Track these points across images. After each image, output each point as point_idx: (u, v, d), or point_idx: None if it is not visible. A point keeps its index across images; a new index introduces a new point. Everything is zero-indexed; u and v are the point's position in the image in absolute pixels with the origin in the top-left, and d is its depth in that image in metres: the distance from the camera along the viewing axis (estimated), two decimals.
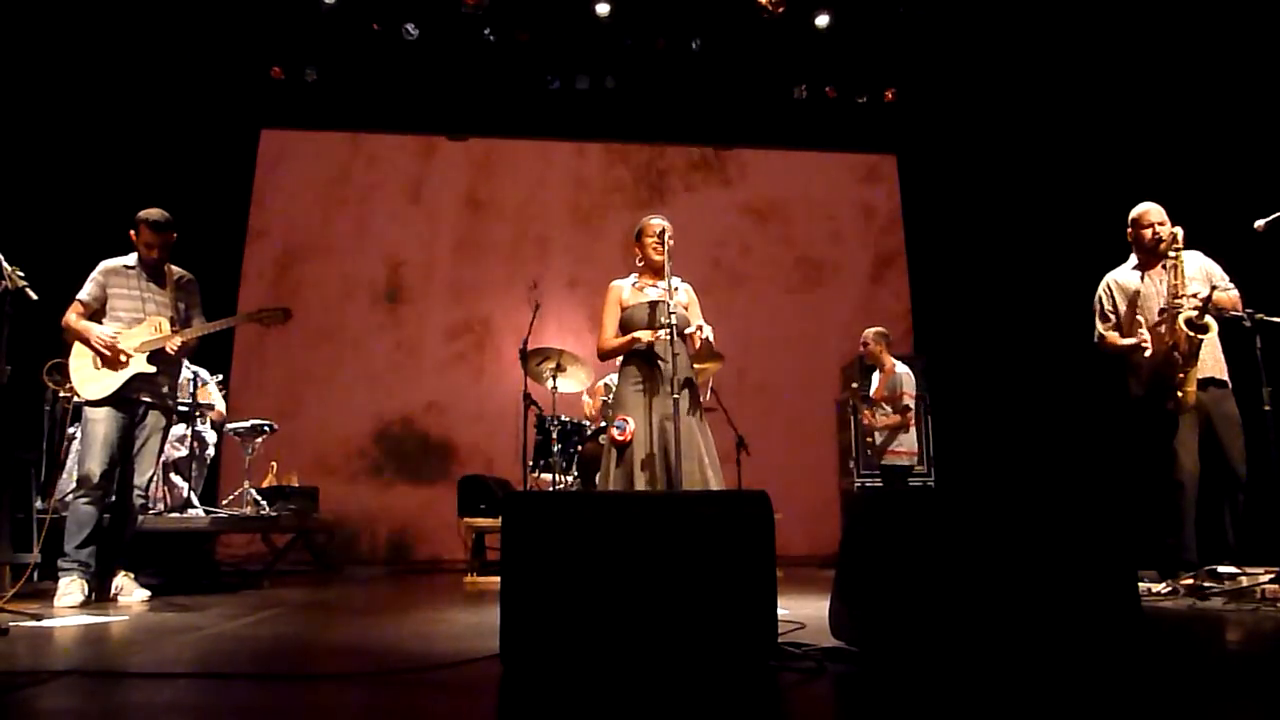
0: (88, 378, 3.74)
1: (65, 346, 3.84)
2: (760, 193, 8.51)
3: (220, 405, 5.85)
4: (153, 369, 3.81)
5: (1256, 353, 3.70)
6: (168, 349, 3.82)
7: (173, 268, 4.03)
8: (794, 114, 8.19)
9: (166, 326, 3.86)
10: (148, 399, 3.87)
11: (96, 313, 3.84)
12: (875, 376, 5.80)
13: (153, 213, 3.87)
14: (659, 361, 3.51)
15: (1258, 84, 5.38)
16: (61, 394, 4.75)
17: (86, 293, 3.82)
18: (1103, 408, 4.97)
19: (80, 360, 3.76)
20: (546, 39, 7.51)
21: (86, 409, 3.76)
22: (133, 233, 3.89)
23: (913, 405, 5.57)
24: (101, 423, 3.72)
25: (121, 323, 3.84)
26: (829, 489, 7.60)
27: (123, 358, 3.74)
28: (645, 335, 3.55)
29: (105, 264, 3.91)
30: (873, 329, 5.81)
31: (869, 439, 5.78)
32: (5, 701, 1.75)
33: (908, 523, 2.25)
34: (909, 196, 8.52)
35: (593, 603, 2.10)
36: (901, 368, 5.70)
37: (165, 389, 3.96)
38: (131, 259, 3.93)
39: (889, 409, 5.58)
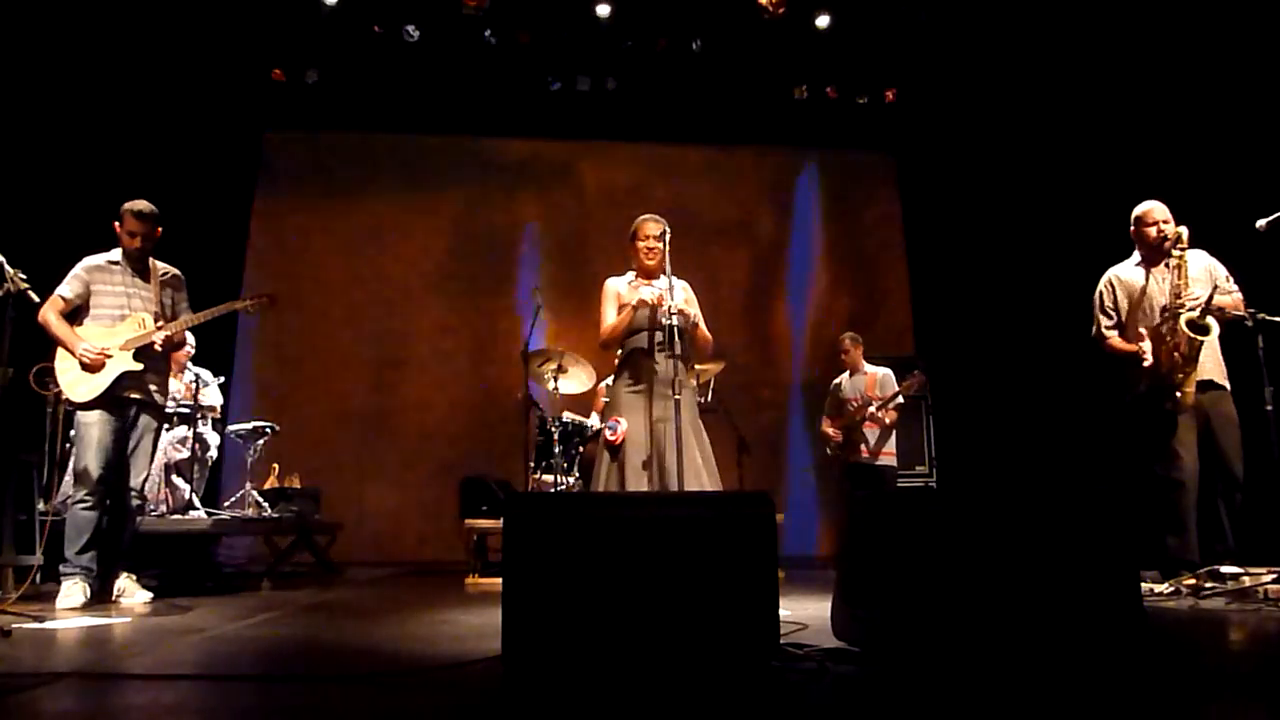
0: (75, 380, 3.65)
1: (51, 348, 3.72)
2: (760, 193, 8.52)
3: (216, 401, 5.86)
4: (139, 366, 3.73)
5: (1258, 352, 3.70)
6: (154, 345, 3.75)
7: (157, 263, 3.93)
8: (794, 114, 8.19)
9: (150, 323, 3.77)
10: (138, 397, 3.78)
11: (78, 310, 3.74)
12: (850, 379, 5.71)
13: (138, 203, 3.80)
14: (656, 360, 3.50)
15: (1258, 83, 5.38)
16: (62, 397, 4.73)
17: (70, 289, 3.71)
18: (1103, 407, 4.96)
19: (66, 363, 3.66)
20: (547, 40, 7.52)
21: (79, 414, 3.70)
22: (116, 224, 3.80)
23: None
24: (95, 426, 3.66)
25: (105, 320, 3.75)
26: (830, 490, 7.60)
27: (101, 362, 3.64)
28: (649, 295, 3.50)
29: (88, 260, 3.80)
30: (848, 333, 5.77)
31: (855, 437, 5.56)
32: (7, 703, 1.75)
33: (909, 523, 2.25)
34: (909, 197, 8.52)
35: (595, 604, 2.10)
36: (882, 369, 5.67)
37: (154, 388, 3.86)
38: (116, 254, 3.83)
39: (884, 408, 5.48)
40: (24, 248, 3.59)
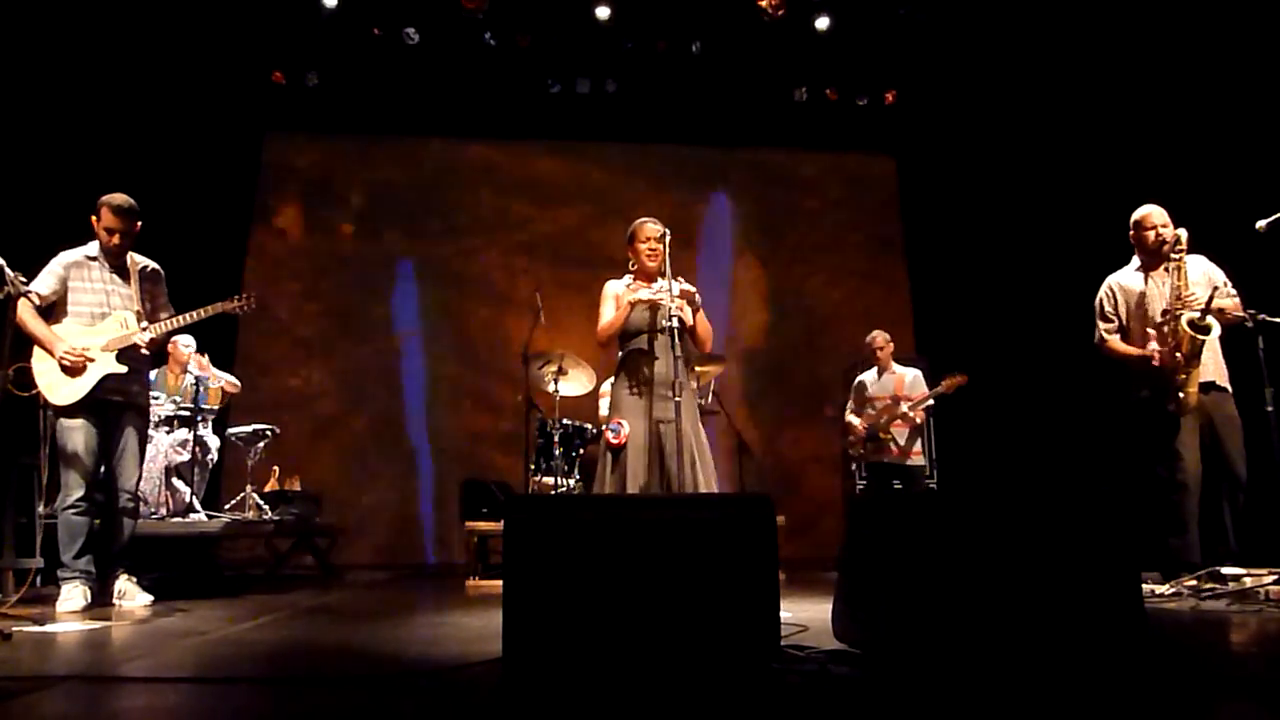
0: (56, 382, 3.53)
1: (26, 346, 3.57)
2: (760, 195, 8.52)
3: (229, 377, 5.91)
4: (123, 369, 3.62)
5: (1259, 353, 3.70)
6: (139, 346, 3.66)
7: (135, 257, 3.82)
8: (794, 116, 8.20)
9: (133, 322, 3.66)
10: (120, 399, 3.68)
11: (54, 306, 3.61)
12: (879, 377, 5.65)
13: (117, 197, 3.68)
14: (656, 362, 3.50)
15: (1258, 84, 5.38)
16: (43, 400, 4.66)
17: (45, 285, 3.57)
18: (1104, 409, 4.96)
19: (45, 364, 3.54)
20: (547, 43, 7.52)
21: (61, 419, 3.57)
22: (94, 218, 3.66)
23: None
24: (79, 431, 3.56)
25: (84, 318, 3.63)
26: (831, 491, 7.59)
27: (83, 364, 3.54)
28: (645, 295, 3.51)
29: (64, 255, 3.66)
30: (881, 332, 5.70)
31: (885, 436, 5.45)
32: (7, 707, 1.75)
33: (911, 525, 2.24)
34: (908, 198, 8.52)
35: (595, 606, 2.10)
36: (911, 369, 5.62)
37: (137, 388, 3.78)
38: (92, 248, 3.70)
39: (916, 407, 5.39)
40: (25, 250, 3.58)
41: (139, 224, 3.76)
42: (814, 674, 2.05)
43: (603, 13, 7.15)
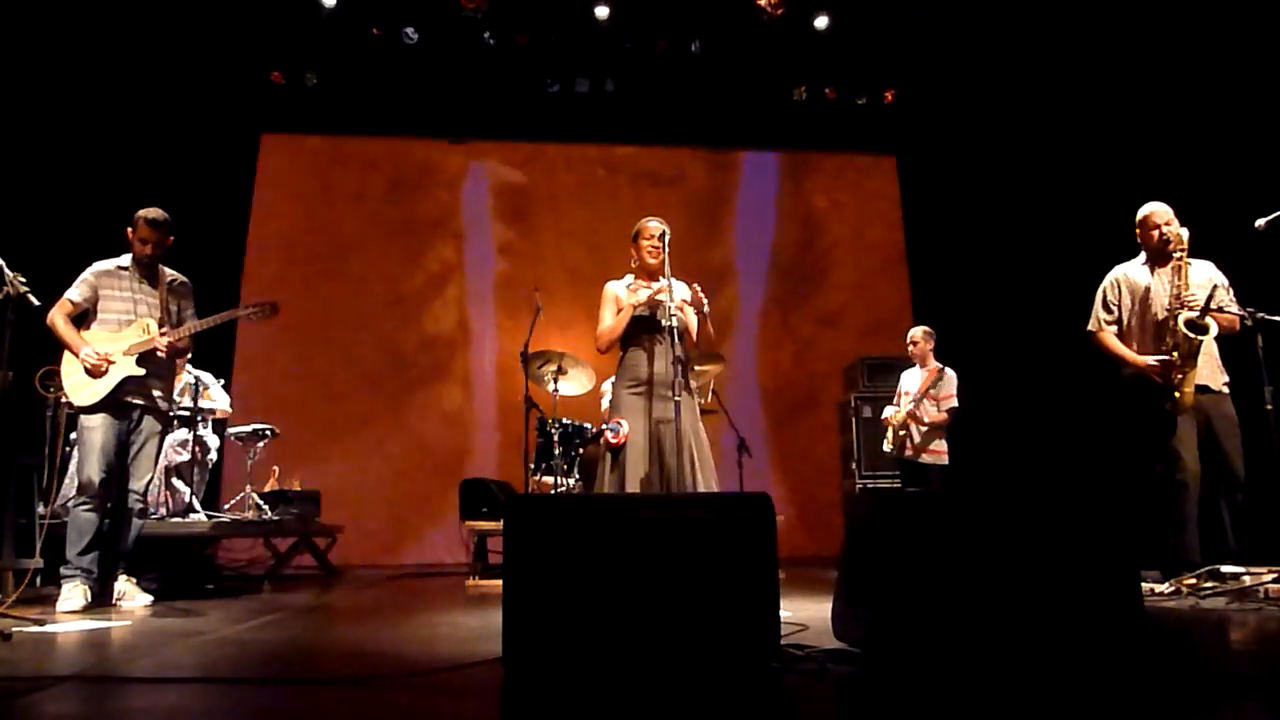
0: (79, 384, 3.71)
1: (57, 351, 3.78)
2: (761, 194, 8.52)
3: (224, 404, 5.89)
4: (142, 371, 3.78)
5: (1258, 352, 3.70)
6: (157, 351, 3.79)
7: (166, 270, 4.01)
8: (793, 115, 8.20)
9: (154, 328, 3.82)
10: (140, 402, 3.83)
11: (86, 314, 3.81)
12: (914, 374, 5.64)
13: (152, 210, 3.88)
14: (656, 362, 3.50)
15: (1259, 84, 5.38)
16: (64, 400, 4.73)
17: (78, 293, 3.79)
18: (1104, 408, 4.96)
19: (72, 366, 3.73)
20: (546, 42, 7.52)
21: (82, 416, 3.74)
22: (130, 230, 3.87)
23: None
24: (97, 430, 3.70)
25: (111, 324, 3.81)
26: (831, 490, 7.59)
27: (104, 366, 3.69)
28: (644, 295, 3.53)
29: (97, 265, 3.88)
30: (921, 327, 5.71)
31: (902, 433, 5.49)
32: (8, 707, 1.75)
33: (911, 523, 2.25)
34: (909, 197, 8.52)
35: (595, 605, 2.10)
36: (947, 369, 5.61)
37: (158, 392, 3.92)
38: (125, 259, 3.90)
39: (937, 407, 5.42)
40: (23, 249, 3.60)
41: (171, 237, 3.94)
42: (813, 673, 2.05)
43: (602, 12, 7.15)
